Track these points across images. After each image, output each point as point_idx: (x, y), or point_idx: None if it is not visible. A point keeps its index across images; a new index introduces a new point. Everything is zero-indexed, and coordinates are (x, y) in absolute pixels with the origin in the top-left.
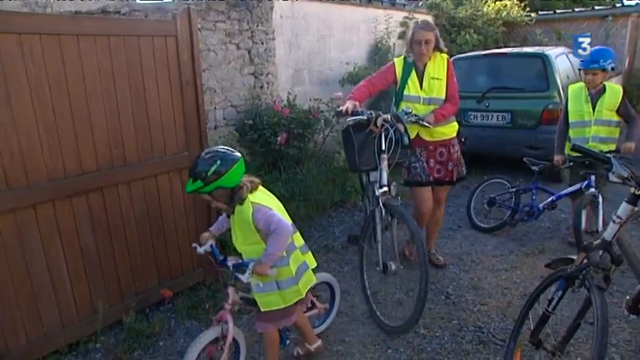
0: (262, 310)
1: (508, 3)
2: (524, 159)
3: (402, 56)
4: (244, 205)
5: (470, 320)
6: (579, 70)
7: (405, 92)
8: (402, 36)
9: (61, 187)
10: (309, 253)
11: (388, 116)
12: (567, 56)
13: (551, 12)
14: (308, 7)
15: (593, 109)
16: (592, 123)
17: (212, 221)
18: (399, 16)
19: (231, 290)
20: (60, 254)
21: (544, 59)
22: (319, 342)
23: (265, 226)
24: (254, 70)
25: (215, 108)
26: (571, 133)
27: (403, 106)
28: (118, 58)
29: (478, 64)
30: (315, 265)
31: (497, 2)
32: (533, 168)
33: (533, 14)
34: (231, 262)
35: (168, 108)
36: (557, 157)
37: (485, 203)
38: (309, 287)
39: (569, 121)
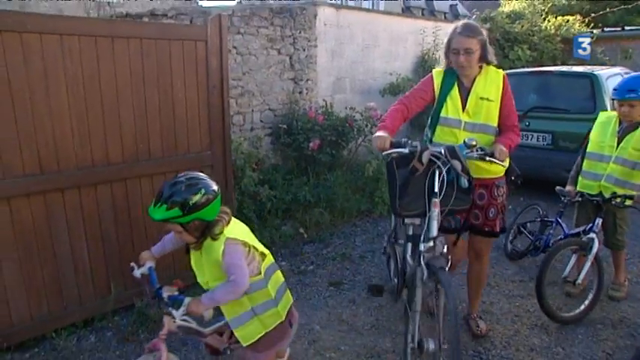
0: (244, 344)
1: (571, 18)
2: (557, 188)
3: (444, 68)
4: (218, 240)
5: (471, 344)
6: (612, 99)
7: (442, 114)
8: None
9: (88, 175)
10: (278, 270)
11: (441, 150)
12: (623, 77)
13: (619, 29)
14: (353, 16)
15: (618, 144)
16: (611, 160)
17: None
18: (448, 28)
19: (166, 319)
20: (82, 237)
21: (593, 80)
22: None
23: (226, 269)
24: (294, 76)
25: (252, 110)
26: (584, 164)
27: (439, 131)
28: (149, 59)
29: (523, 81)
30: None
31: (559, 18)
32: (563, 199)
33: (596, 31)
34: (166, 293)
35: (194, 109)
36: (569, 188)
37: (514, 229)
38: (288, 307)
39: (587, 150)
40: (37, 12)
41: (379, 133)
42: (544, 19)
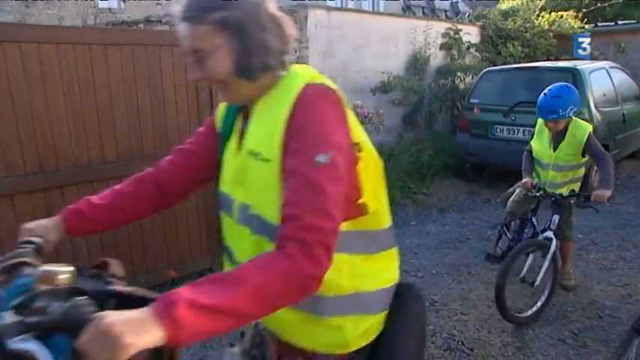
0: None
1: (565, 14)
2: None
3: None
4: None
5: (446, 327)
6: (537, 119)
7: (221, 187)
8: (444, 46)
9: (85, 172)
10: None
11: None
12: (608, 71)
13: (613, 23)
14: (344, 17)
15: (554, 151)
16: (550, 167)
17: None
18: (440, 26)
19: None
20: None
21: (575, 74)
22: None
23: None
24: None
25: None
26: (536, 167)
27: (224, 222)
28: (140, 64)
29: (509, 77)
30: None
31: (553, 13)
32: (533, 192)
33: (588, 26)
34: None
35: (184, 110)
36: (526, 179)
37: (498, 229)
38: None
39: (533, 155)
40: (40, 20)
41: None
42: (538, 15)
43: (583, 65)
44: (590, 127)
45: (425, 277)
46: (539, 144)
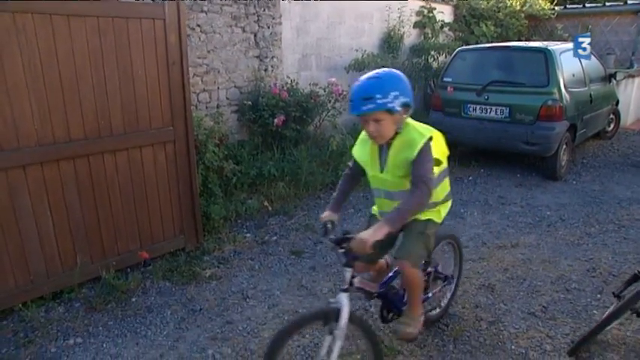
0: None
1: None
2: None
3: None
4: None
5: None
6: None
7: None
8: (418, 25)
9: (50, 151)
10: None
11: None
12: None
13: (580, 5)
14: None
15: (381, 172)
16: (382, 195)
17: (194, 193)
18: (414, 5)
19: None
20: (47, 212)
21: (546, 54)
22: None
23: None
24: (259, 53)
25: (218, 88)
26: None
27: None
28: (106, 37)
29: (482, 56)
30: None
31: None
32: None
33: (557, 8)
34: None
35: (154, 85)
36: (324, 213)
37: None
38: None
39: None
40: None
41: None
42: None
43: (554, 46)
44: (429, 134)
45: None
46: (365, 164)
